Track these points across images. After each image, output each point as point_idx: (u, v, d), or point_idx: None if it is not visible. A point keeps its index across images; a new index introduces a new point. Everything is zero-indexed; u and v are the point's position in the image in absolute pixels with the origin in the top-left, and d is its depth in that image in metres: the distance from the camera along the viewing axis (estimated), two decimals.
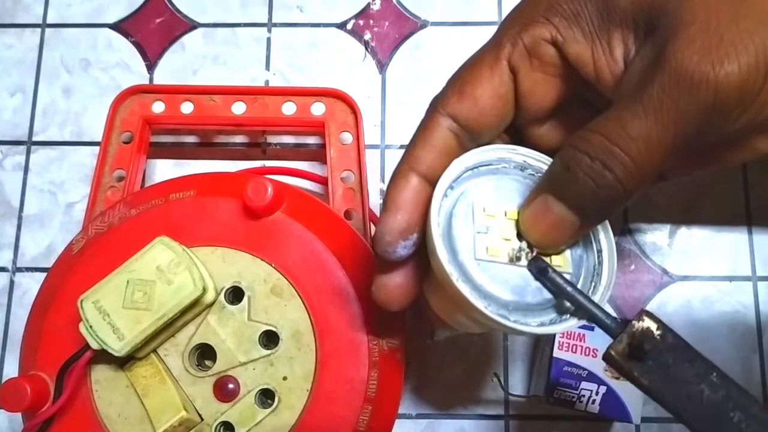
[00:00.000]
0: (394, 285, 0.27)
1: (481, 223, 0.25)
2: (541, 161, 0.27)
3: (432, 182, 0.25)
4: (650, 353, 0.23)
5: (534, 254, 0.25)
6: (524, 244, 0.25)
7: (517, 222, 0.25)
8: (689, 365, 0.22)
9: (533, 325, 0.24)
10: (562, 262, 0.25)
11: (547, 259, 0.25)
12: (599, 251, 0.26)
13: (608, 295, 0.25)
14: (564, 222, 0.24)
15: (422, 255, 0.26)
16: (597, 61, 0.25)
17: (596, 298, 0.25)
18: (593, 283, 0.26)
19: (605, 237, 0.26)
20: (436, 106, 0.26)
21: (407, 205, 0.25)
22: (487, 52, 0.26)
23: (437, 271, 0.25)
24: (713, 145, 0.27)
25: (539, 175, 0.26)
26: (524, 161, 0.27)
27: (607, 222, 0.26)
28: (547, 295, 0.25)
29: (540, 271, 0.24)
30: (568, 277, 0.25)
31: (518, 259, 0.25)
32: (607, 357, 0.23)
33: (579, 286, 0.26)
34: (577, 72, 0.25)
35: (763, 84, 0.21)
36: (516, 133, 0.28)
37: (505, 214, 0.25)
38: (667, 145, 0.22)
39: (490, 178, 0.26)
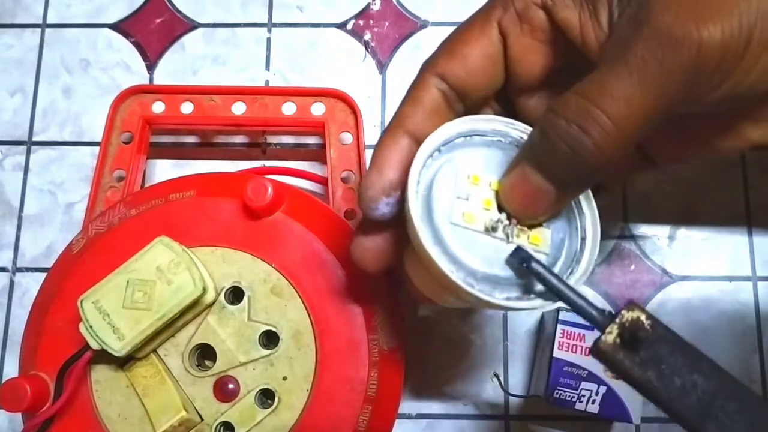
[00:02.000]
0: (372, 246, 0.27)
1: (462, 189, 0.25)
2: None
3: (420, 142, 0.25)
4: (643, 343, 0.22)
5: (512, 225, 0.24)
6: (503, 216, 0.25)
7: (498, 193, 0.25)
8: (681, 356, 0.22)
9: (499, 297, 0.24)
10: (541, 241, 0.25)
11: (524, 236, 0.25)
12: (583, 239, 0.25)
13: (582, 281, 0.25)
14: (540, 192, 0.23)
15: (404, 223, 0.26)
16: (583, 25, 0.25)
17: (570, 282, 0.24)
18: (570, 269, 0.25)
19: (592, 225, 0.25)
20: (426, 66, 0.26)
21: (392, 163, 0.25)
22: (478, 15, 0.26)
23: (410, 230, 0.24)
24: (701, 125, 0.27)
25: None
26: (521, 137, 0.26)
27: (595, 209, 0.25)
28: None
29: (522, 260, 0.23)
30: (543, 258, 0.25)
31: (494, 229, 0.24)
32: (596, 349, 0.22)
33: (556, 271, 0.25)
34: (565, 37, 0.25)
35: (745, 51, 0.21)
36: (508, 105, 0.28)
37: (490, 185, 0.25)
38: (650, 106, 0.21)
39: (482, 150, 0.26)
